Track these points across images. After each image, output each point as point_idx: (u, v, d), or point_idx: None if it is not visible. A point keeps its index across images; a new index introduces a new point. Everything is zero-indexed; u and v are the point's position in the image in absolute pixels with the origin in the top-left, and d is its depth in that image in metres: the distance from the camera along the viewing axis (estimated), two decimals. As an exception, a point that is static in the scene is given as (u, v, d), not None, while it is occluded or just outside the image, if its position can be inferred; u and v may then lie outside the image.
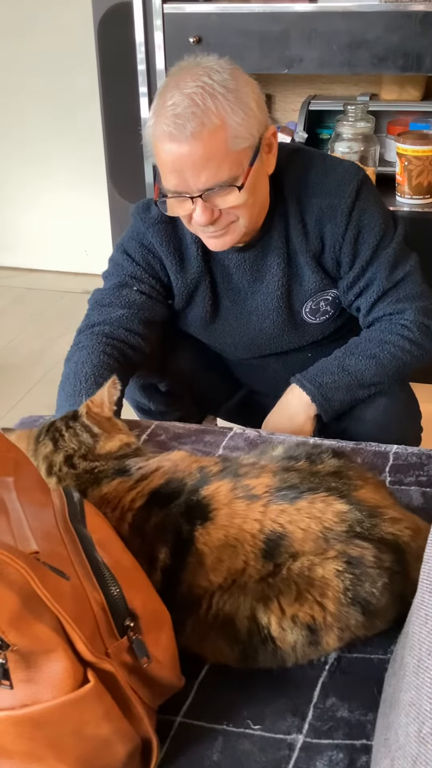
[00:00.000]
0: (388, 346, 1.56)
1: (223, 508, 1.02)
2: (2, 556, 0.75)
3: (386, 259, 1.56)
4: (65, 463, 1.14)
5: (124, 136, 2.77)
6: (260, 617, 0.97)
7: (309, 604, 0.97)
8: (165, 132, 1.38)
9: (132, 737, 0.86)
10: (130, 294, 1.63)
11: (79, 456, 1.15)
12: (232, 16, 2.42)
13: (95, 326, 1.60)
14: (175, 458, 1.13)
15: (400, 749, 0.74)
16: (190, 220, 1.50)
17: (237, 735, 0.95)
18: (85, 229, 3.90)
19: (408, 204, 2.50)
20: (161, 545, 1.02)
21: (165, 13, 2.45)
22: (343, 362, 1.57)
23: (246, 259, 1.62)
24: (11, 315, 3.72)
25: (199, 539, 1.01)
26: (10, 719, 0.80)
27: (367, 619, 0.98)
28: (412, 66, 2.33)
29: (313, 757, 0.91)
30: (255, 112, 1.42)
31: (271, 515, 1.01)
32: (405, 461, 1.41)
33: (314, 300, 1.63)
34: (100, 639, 0.84)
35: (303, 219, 1.57)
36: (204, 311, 1.69)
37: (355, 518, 1.01)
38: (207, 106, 1.36)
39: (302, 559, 0.99)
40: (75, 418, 1.21)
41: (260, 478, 1.06)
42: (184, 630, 1.00)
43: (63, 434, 1.18)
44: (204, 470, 1.09)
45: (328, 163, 1.60)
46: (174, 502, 1.04)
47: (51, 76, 3.64)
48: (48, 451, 1.16)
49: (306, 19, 2.36)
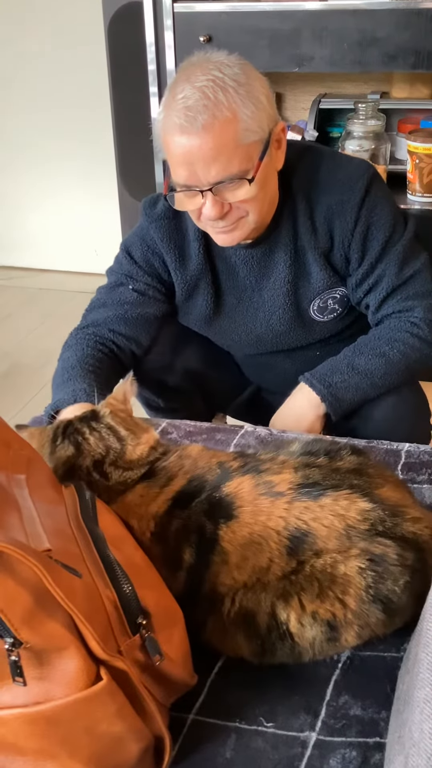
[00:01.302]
0: (397, 344, 1.55)
1: (247, 505, 1.02)
2: (15, 553, 0.75)
3: (396, 256, 1.56)
4: (95, 469, 1.09)
5: (134, 135, 2.77)
6: (279, 613, 0.97)
7: (330, 600, 0.96)
8: (176, 124, 1.38)
9: (145, 735, 0.85)
10: (125, 292, 1.66)
11: (110, 463, 1.10)
12: (242, 14, 2.42)
13: (84, 328, 1.66)
14: (193, 454, 1.11)
15: (415, 746, 0.74)
16: (199, 216, 1.49)
17: (250, 732, 0.95)
18: (95, 229, 3.90)
19: (419, 202, 2.50)
20: (186, 546, 1.01)
21: (175, 12, 2.45)
22: (352, 361, 1.56)
23: (253, 256, 1.61)
24: (22, 315, 3.73)
25: (224, 537, 1.00)
26: (23, 717, 0.80)
27: (387, 617, 0.98)
28: (422, 64, 2.33)
29: (326, 755, 0.91)
30: (265, 106, 1.42)
31: (295, 512, 1.00)
32: (417, 459, 1.40)
33: (322, 298, 1.63)
34: (113, 637, 0.84)
35: (312, 216, 1.56)
36: (206, 307, 1.69)
37: (378, 517, 1.01)
38: (218, 99, 1.36)
39: (325, 557, 0.98)
40: (97, 418, 1.14)
41: (282, 474, 1.05)
42: (206, 628, 1.00)
43: (87, 437, 1.11)
44: (224, 466, 1.08)
45: (338, 160, 1.60)
46: (195, 500, 1.04)
47: (61, 76, 3.65)
48: (70, 455, 1.10)
49: (316, 18, 2.36)
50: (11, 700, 0.80)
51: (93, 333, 1.63)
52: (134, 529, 1.04)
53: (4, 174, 3.99)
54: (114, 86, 2.78)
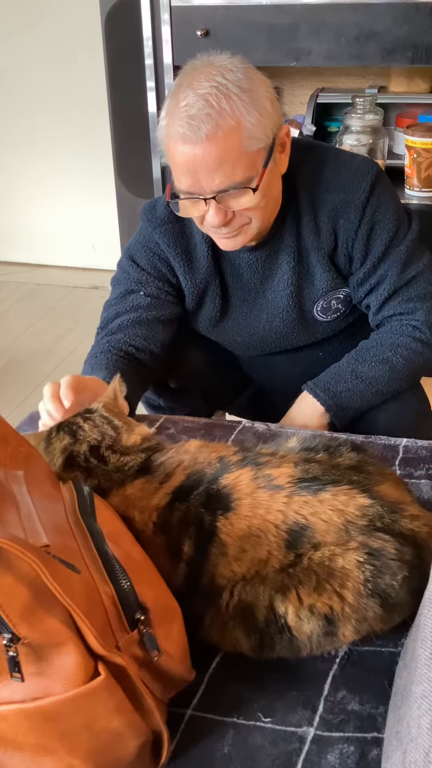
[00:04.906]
0: (400, 349, 1.54)
1: (246, 498, 1.02)
2: (13, 549, 0.75)
3: (399, 257, 1.55)
4: (92, 454, 1.10)
5: (132, 130, 2.77)
6: (277, 606, 0.97)
7: (328, 594, 0.96)
8: (179, 133, 1.36)
9: (143, 730, 0.86)
10: (137, 298, 1.64)
11: (107, 447, 1.11)
12: (239, 8, 2.42)
13: (101, 339, 1.60)
14: (192, 449, 1.11)
15: (412, 741, 0.74)
16: (202, 221, 1.48)
17: (248, 728, 0.95)
18: (92, 224, 3.90)
19: (417, 197, 2.50)
20: (185, 538, 1.02)
21: (172, 6, 2.45)
22: (356, 369, 1.55)
23: (257, 258, 1.60)
24: (20, 311, 3.73)
25: (222, 529, 1.00)
26: (21, 712, 0.80)
27: (385, 612, 0.98)
28: (420, 58, 2.33)
29: (324, 750, 0.91)
30: (269, 112, 1.40)
31: (294, 506, 1.01)
32: (415, 454, 1.40)
33: (326, 299, 1.62)
34: (111, 632, 0.84)
35: (316, 216, 1.55)
36: (215, 310, 1.68)
37: (377, 513, 1.01)
38: (222, 107, 1.34)
39: (323, 550, 0.98)
40: (90, 411, 1.17)
41: (281, 468, 1.05)
42: (204, 621, 1.00)
43: (81, 425, 1.13)
44: (224, 460, 1.08)
45: (342, 158, 1.58)
46: (193, 493, 1.04)
47: (58, 71, 3.65)
48: (66, 443, 1.12)
49: (314, 12, 2.36)
50: (9, 696, 0.80)
51: (110, 341, 1.58)
52: (136, 520, 1.04)
53: (2, 170, 3.98)
54: (111, 81, 2.77)
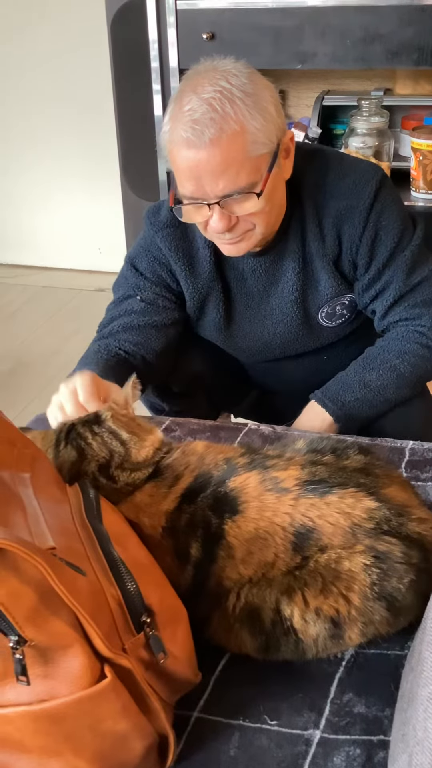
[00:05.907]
0: (407, 356, 1.54)
1: (253, 500, 1.02)
2: (19, 551, 0.75)
3: (403, 262, 1.54)
4: (101, 474, 1.08)
5: (138, 133, 2.77)
6: (283, 609, 0.97)
7: (334, 597, 0.96)
8: (182, 138, 1.36)
9: (149, 732, 0.86)
10: (132, 303, 1.63)
11: (116, 466, 1.09)
12: (245, 11, 2.42)
13: (94, 343, 1.61)
14: (198, 450, 1.11)
15: (419, 744, 0.74)
16: (206, 227, 1.48)
17: (254, 730, 0.95)
18: (98, 227, 3.91)
19: (423, 199, 2.49)
20: (192, 540, 1.02)
21: (178, 9, 2.45)
22: (363, 377, 1.54)
23: (261, 264, 1.60)
24: (26, 313, 3.73)
25: (229, 532, 1.00)
26: (28, 714, 0.80)
27: (391, 615, 0.98)
28: (426, 60, 2.33)
29: (330, 753, 0.91)
30: (274, 116, 1.40)
31: (301, 509, 1.01)
32: (421, 457, 1.40)
33: (330, 305, 1.62)
34: (117, 635, 0.84)
35: (320, 222, 1.54)
36: (218, 316, 1.67)
37: (384, 516, 1.01)
38: (226, 111, 1.34)
39: (330, 552, 0.98)
40: (99, 422, 1.13)
41: (288, 471, 1.05)
42: (211, 623, 1.00)
43: (89, 442, 1.10)
44: (230, 462, 1.08)
45: (346, 164, 1.57)
46: (201, 495, 1.04)
47: (64, 74, 3.65)
48: (73, 460, 1.09)
49: (319, 14, 2.36)
50: (16, 698, 0.80)
51: (101, 346, 1.58)
52: (146, 525, 1.03)
53: (9, 172, 3.99)
54: (117, 84, 2.78)
